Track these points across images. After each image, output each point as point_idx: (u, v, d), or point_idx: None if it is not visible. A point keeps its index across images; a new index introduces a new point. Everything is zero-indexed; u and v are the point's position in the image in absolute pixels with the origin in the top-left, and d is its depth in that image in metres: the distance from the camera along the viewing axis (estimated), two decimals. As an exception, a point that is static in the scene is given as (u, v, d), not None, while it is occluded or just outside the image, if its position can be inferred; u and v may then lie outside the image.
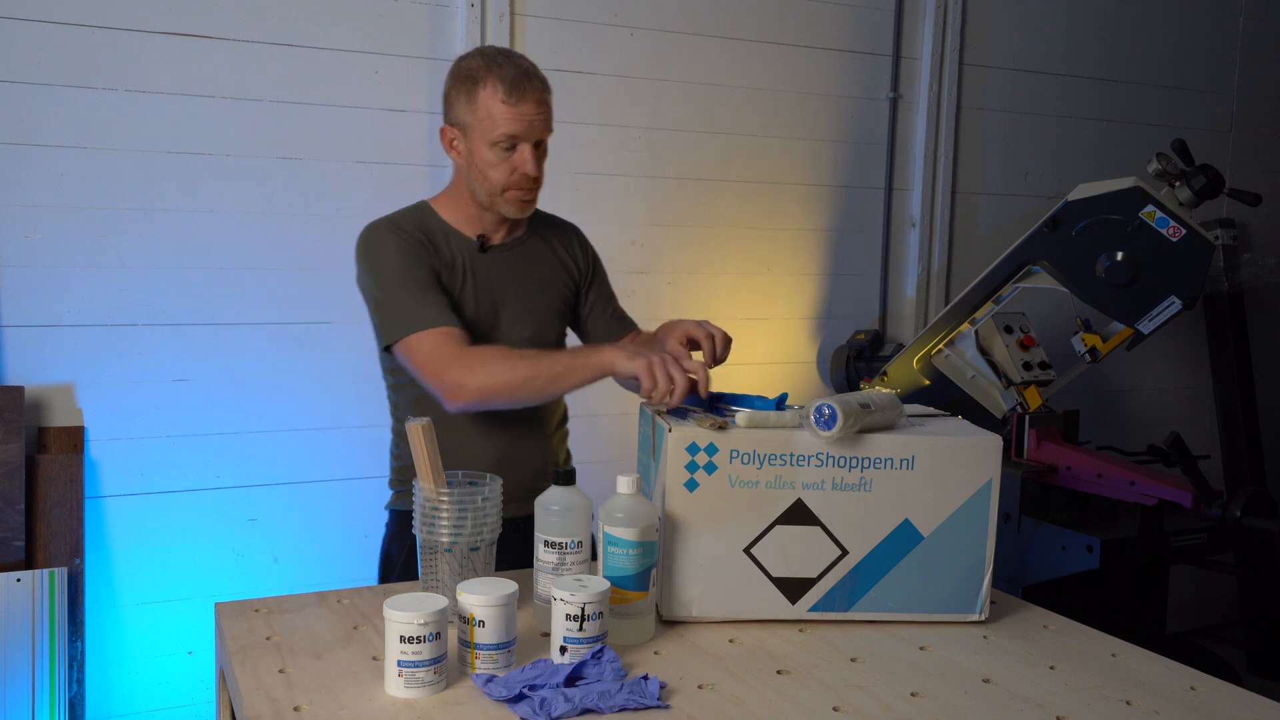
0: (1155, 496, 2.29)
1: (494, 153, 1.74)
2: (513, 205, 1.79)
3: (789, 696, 1.26)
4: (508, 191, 1.77)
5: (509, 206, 1.79)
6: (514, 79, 1.71)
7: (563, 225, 2.01)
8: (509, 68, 1.72)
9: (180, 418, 2.48)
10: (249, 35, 2.48)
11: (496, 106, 1.71)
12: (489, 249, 1.84)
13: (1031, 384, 2.56)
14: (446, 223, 1.83)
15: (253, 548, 2.57)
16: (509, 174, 1.75)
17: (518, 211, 1.80)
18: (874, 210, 3.28)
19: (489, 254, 1.84)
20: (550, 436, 1.93)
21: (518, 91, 1.71)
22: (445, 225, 1.83)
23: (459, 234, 1.83)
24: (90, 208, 2.37)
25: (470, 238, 1.84)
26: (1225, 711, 1.27)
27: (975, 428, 1.56)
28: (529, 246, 1.90)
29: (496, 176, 1.75)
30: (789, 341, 3.17)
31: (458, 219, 1.84)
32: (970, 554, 1.50)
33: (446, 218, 1.84)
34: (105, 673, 2.44)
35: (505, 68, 1.72)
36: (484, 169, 1.75)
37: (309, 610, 1.51)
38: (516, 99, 1.71)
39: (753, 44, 3.04)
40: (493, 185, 1.76)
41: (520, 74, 1.72)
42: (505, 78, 1.71)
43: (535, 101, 1.72)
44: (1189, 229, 2.31)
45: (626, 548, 1.38)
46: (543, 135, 1.76)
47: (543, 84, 1.75)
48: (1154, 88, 3.68)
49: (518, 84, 1.71)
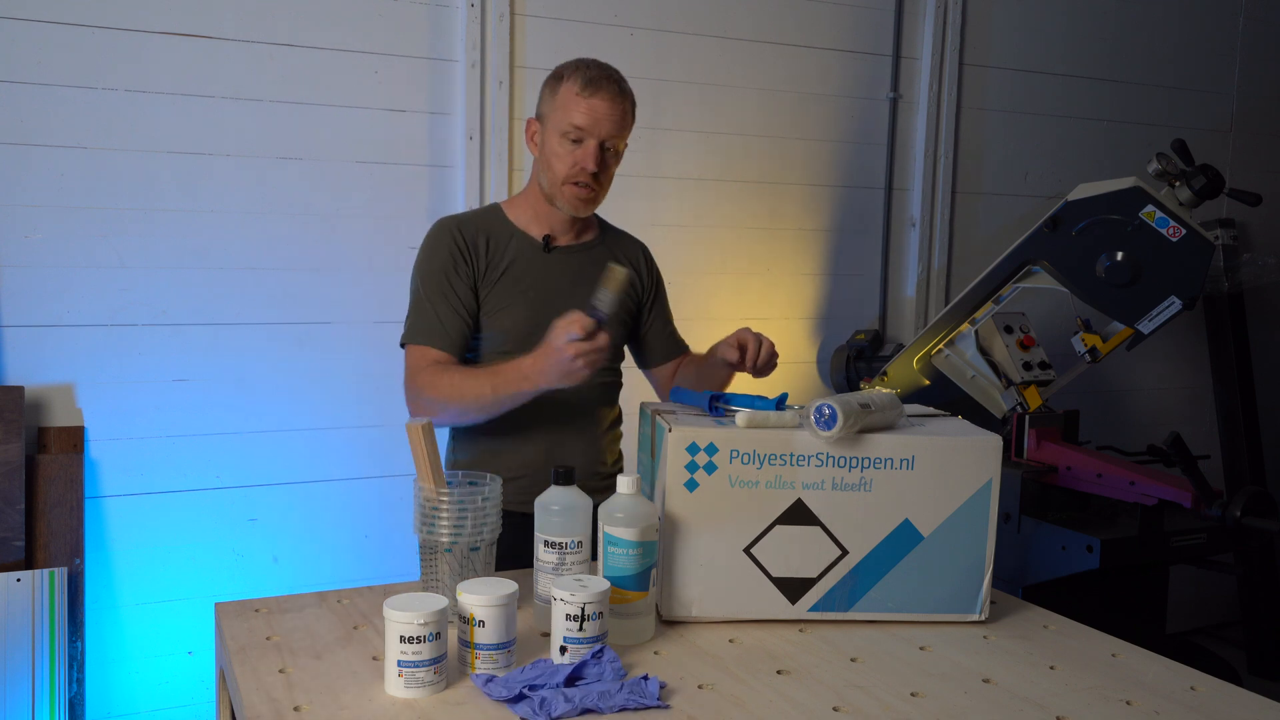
0: (1155, 496, 2.29)
1: (562, 144, 1.82)
2: (570, 201, 1.85)
3: (789, 696, 1.26)
4: (567, 185, 1.83)
5: (567, 202, 1.85)
6: (592, 77, 1.81)
7: (632, 240, 2.06)
8: (594, 69, 1.83)
9: (180, 418, 2.48)
10: (249, 35, 2.48)
11: (571, 98, 1.80)
12: (554, 249, 1.90)
13: (1031, 384, 2.56)
14: (513, 223, 1.90)
15: (253, 548, 2.57)
16: (571, 166, 1.81)
17: (575, 209, 1.86)
18: (874, 210, 3.28)
19: (553, 254, 1.90)
20: (600, 438, 1.95)
21: (592, 86, 1.80)
22: (511, 226, 1.90)
23: (524, 234, 1.90)
24: (90, 208, 2.37)
25: (536, 238, 1.90)
26: (1225, 711, 1.27)
27: (975, 428, 1.56)
28: (595, 254, 1.94)
29: (560, 167, 1.82)
30: (789, 341, 3.17)
31: (526, 218, 1.91)
32: (970, 554, 1.50)
33: (514, 218, 1.91)
34: (105, 673, 2.44)
35: (590, 69, 1.83)
36: (551, 159, 1.83)
37: (309, 610, 1.51)
38: (591, 93, 1.80)
39: (753, 44, 3.04)
40: (555, 175, 1.83)
41: (601, 75, 1.82)
42: (585, 75, 1.81)
43: (609, 100, 1.81)
44: (1189, 229, 2.31)
45: (626, 548, 1.38)
46: (611, 135, 1.82)
47: (621, 89, 1.84)
48: (1154, 88, 3.68)
49: (595, 81, 1.81)
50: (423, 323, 1.82)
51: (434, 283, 1.83)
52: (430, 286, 1.84)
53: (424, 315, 1.83)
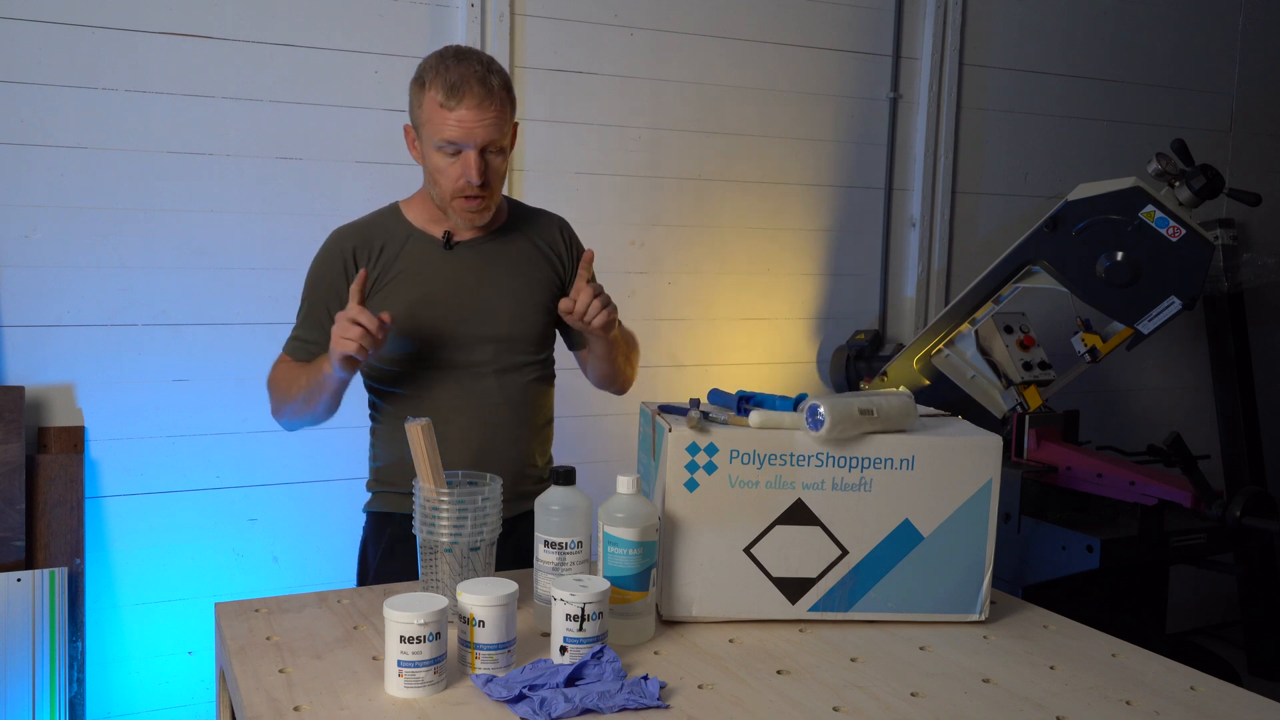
0: (1155, 496, 2.29)
1: (440, 158, 1.70)
2: (462, 214, 1.74)
3: (789, 696, 1.26)
4: (455, 200, 1.72)
5: (460, 215, 1.75)
6: (454, 83, 1.65)
7: (546, 218, 1.94)
8: (454, 71, 1.66)
9: (180, 418, 2.48)
10: (249, 35, 2.48)
11: (436, 110, 1.67)
12: (455, 245, 1.80)
13: (1031, 384, 2.56)
14: (411, 224, 1.81)
15: (253, 548, 2.57)
16: (455, 180, 1.70)
17: (469, 220, 1.75)
18: (874, 210, 3.28)
19: (455, 251, 1.80)
20: (530, 438, 1.87)
21: (456, 95, 1.65)
22: (410, 227, 1.81)
23: (423, 234, 1.80)
24: (90, 208, 2.37)
25: (436, 236, 1.80)
26: (1225, 711, 1.27)
27: (975, 428, 1.56)
28: (504, 242, 1.84)
29: (445, 183, 1.71)
30: (789, 341, 3.17)
31: (424, 218, 1.81)
32: (970, 554, 1.50)
33: (413, 218, 1.82)
34: (105, 673, 2.44)
35: (450, 70, 1.66)
36: (434, 174, 1.72)
37: (309, 610, 1.51)
38: (456, 103, 1.65)
39: (753, 44, 3.04)
40: (442, 192, 1.73)
41: (462, 78, 1.65)
42: (446, 81, 1.65)
43: (475, 107, 1.65)
44: (1189, 229, 2.31)
45: (626, 548, 1.38)
46: (488, 140, 1.68)
47: (487, 89, 1.66)
48: (1154, 88, 3.68)
49: (456, 89, 1.65)
50: (293, 334, 1.82)
51: (317, 296, 1.79)
52: (312, 300, 1.80)
53: (297, 330, 1.82)
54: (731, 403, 1.57)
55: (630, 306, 2.94)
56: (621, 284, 2.92)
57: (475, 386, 1.79)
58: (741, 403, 1.56)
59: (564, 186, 2.80)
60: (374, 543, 1.86)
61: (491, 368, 1.80)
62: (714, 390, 1.64)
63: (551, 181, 2.82)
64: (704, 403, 1.58)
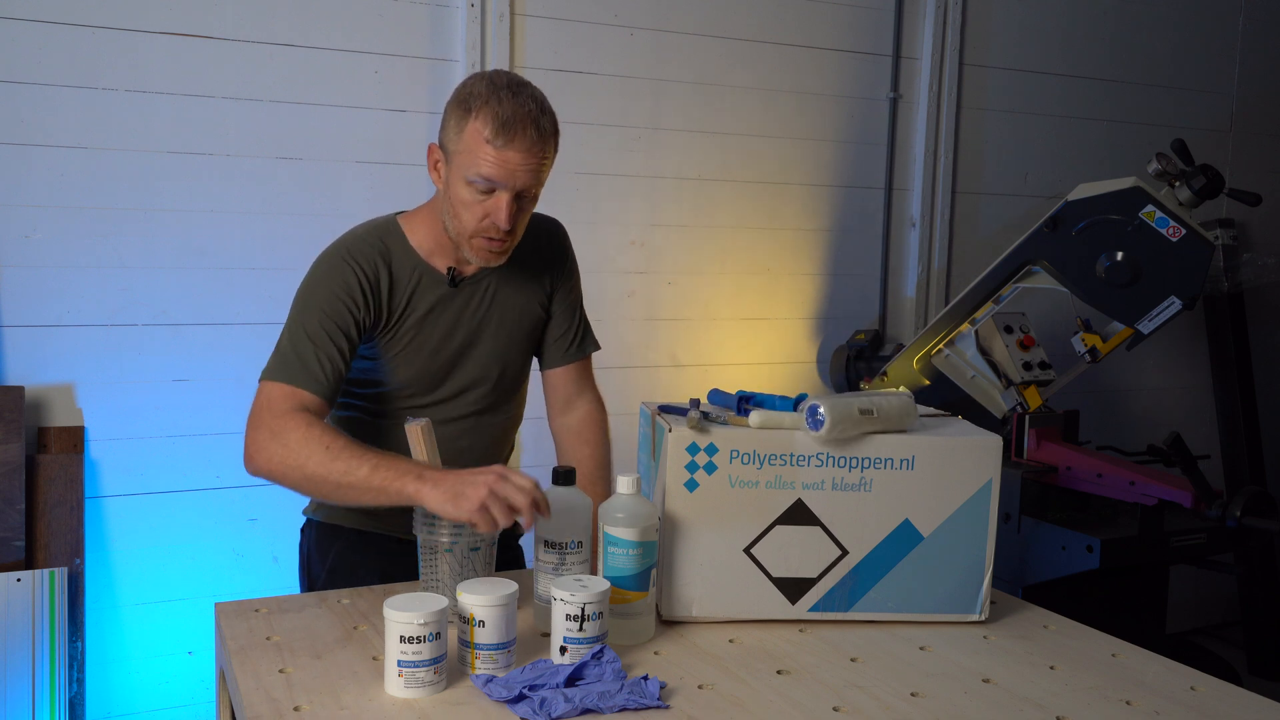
0: (1155, 496, 2.29)
1: (469, 191, 1.56)
2: (480, 254, 1.61)
3: (789, 696, 1.26)
4: (475, 239, 1.59)
5: (476, 254, 1.62)
6: (507, 120, 1.51)
7: (541, 230, 1.80)
8: (507, 106, 1.52)
9: (180, 418, 2.48)
10: (249, 35, 2.48)
11: (479, 144, 1.53)
12: (460, 282, 1.69)
13: (1031, 384, 2.56)
14: (417, 253, 1.67)
15: (253, 548, 2.57)
16: (480, 219, 1.57)
17: (485, 261, 1.63)
18: (874, 210, 3.28)
19: (459, 288, 1.69)
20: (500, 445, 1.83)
21: (506, 134, 1.51)
22: (415, 258, 1.67)
23: (429, 268, 1.67)
24: (90, 208, 2.37)
25: (441, 271, 1.68)
26: (1225, 711, 1.27)
27: (975, 428, 1.56)
28: (506, 274, 1.73)
29: (467, 219, 1.58)
30: (789, 341, 3.17)
31: (429, 246, 1.67)
32: (970, 554, 1.50)
33: (418, 243, 1.67)
34: (105, 673, 2.44)
35: (504, 105, 1.52)
36: (456, 205, 1.58)
37: (309, 610, 1.51)
38: (504, 142, 1.52)
39: (753, 44, 3.04)
40: (462, 227, 1.59)
41: (516, 116, 1.52)
42: (497, 116, 1.51)
43: (524, 150, 1.53)
44: (1189, 229, 2.31)
45: (626, 548, 1.38)
46: (526, 187, 1.57)
47: (540, 133, 1.54)
48: (1154, 88, 3.68)
49: (509, 126, 1.51)
50: (298, 360, 1.56)
51: (318, 326, 1.58)
52: (317, 320, 1.58)
53: (302, 351, 1.57)
54: (731, 403, 1.57)
55: (630, 306, 2.94)
56: (621, 284, 2.92)
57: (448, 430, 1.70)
58: (741, 403, 1.56)
59: (564, 186, 2.80)
60: (319, 555, 1.78)
61: (473, 409, 1.75)
62: (714, 390, 1.64)
63: (551, 181, 2.77)
64: (704, 403, 1.57)
